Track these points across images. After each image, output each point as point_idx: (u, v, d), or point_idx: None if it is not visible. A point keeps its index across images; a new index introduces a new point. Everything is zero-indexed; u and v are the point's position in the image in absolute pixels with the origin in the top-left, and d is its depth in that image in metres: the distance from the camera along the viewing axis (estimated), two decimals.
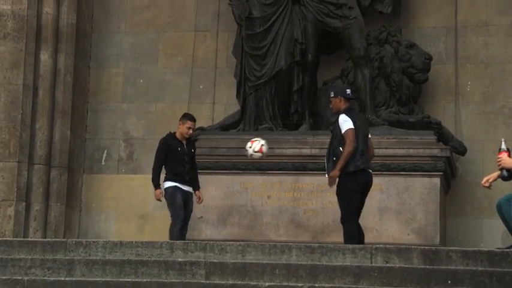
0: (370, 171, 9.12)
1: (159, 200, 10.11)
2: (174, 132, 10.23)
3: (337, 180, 8.96)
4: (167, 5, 13.02)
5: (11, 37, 11.86)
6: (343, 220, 8.90)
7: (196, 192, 10.21)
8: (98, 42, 13.06)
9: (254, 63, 11.99)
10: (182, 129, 10.14)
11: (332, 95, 9.21)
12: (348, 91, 9.29)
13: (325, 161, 9.13)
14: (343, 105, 9.11)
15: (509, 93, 12.07)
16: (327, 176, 9.07)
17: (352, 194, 8.90)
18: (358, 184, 8.91)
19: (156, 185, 10.02)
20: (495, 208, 7.99)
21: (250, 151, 9.46)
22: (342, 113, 9.01)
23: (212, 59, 12.75)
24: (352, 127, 8.89)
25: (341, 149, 8.88)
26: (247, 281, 7.27)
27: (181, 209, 9.91)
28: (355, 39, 11.83)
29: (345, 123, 8.92)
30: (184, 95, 12.71)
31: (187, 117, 10.24)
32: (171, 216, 9.95)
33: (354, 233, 8.80)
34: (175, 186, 9.94)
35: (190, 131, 10.20)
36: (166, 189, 10.00)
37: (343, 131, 8.90)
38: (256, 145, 9.43)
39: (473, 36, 12.27)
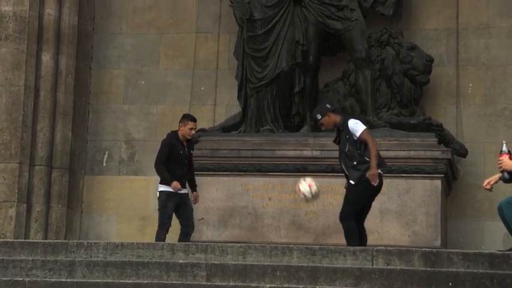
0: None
1: (179, 189, 9.86)
2: (177, 132, 10.12)
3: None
4: (168, 6, 13.02)
5: (13, 38, 11.87)
6: (343, 217, 8.88)
7: (194, 193, 10.17)
8: (99, 44, 13.07)
9: (255, 64, 12.00)
10: (184, 131, 10.05)
11: (319, 117, 9.19)
12: (328, 105, 9.40)
13: (344, 169, 9.01)
14: (335, 117, 9.15)
15: (510, 95, 12.07)
16: (351, 182, 8.89)
17: (364, 196, 8.92)
18: (375, 187, 8.91)
19: (169, 178, 9.79)
20: (496, 210, 7.99)
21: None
22: (348, 119, 9.02)
23: (213, 61, 12.76)
24: (365, 127, 8.97)
25: (359, 152, 8.87)
26: (248, 283, 7.26)
27: (169, 219, 9.85)
28: (357, 41, 11.84)
29: (357, 125, 8.94)
30: (185, 97, 12.71)
31: (188, 117, 10.15)
32: (158, 223, 9.91)
33: (355, 231, 8.80)
34: (172, 193, 9.85)
35: (193, 132, 10.13)
36: (160, 192, 9.93)
37: (358, 134, 8.90)
38: (302, 196, 9.14)
39: (475, 38, 12.27)
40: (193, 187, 10.18)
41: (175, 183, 9.77)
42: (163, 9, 13.03)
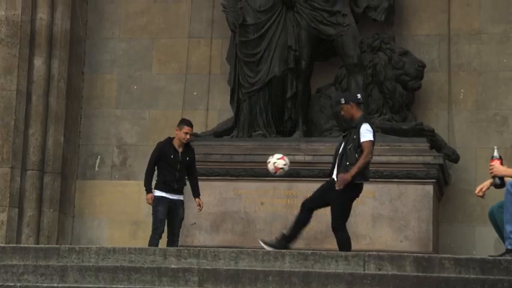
0: None
1: (150, 204, 10.09)
2: (173, 138, 10.18)
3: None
4: (161, 11, 13.03)
5: (5, 43, 11.86)
6: (336, 228, 8.86)
7: (196, 199, 10.18)
8: (91, 48, 13.06)
9: (248, 69, 12.01)
10: (179, 135, 10.10)
11: (343, 101, 9.03)
12: (359, 95, 9.22)
13: (336, 162, 8.92)
14: (356, 111, 9.00)
15: (501, 101, 12.12)
16: (334, 178, 8.90)
17: (349, 203, 8.90)
18: (357, 195, 8.91)
19: (148, 189, 10.03)
20: (487, 215, 8.01)
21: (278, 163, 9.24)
22: (364, 122, 8.90)
23: (206, 66, 12.77)
24: (372, 139, 8.83)
25: (356, 155, 8.81)
26: None
27: (161, 223, 9.91)
28: (349, 46, 11.87)
29: (367, 133, 8.80)
30: (178, 102, 12.72)
31: (184, 122, 10.21)
32: (151, 227, 9.98)
33: (348, 240, 8.80)
34: (161, 197, 9.92)
35: (188, 136, 10.15)
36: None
37: (362, 140, 8.79)
38: (281, 170, 9.25)
39: (466, 44, 12.31)
40: (195, 193, 10.20)
41: (148, 196, 9.97)
42: (155, 14, 13.04)
